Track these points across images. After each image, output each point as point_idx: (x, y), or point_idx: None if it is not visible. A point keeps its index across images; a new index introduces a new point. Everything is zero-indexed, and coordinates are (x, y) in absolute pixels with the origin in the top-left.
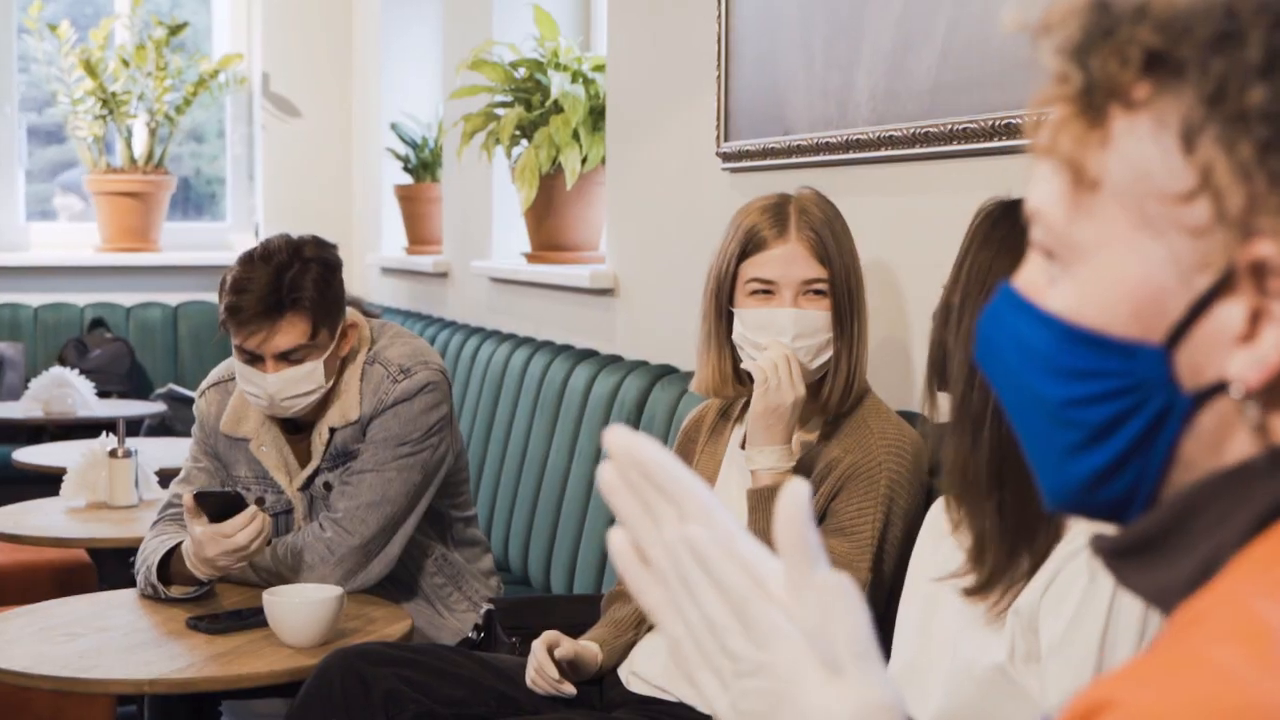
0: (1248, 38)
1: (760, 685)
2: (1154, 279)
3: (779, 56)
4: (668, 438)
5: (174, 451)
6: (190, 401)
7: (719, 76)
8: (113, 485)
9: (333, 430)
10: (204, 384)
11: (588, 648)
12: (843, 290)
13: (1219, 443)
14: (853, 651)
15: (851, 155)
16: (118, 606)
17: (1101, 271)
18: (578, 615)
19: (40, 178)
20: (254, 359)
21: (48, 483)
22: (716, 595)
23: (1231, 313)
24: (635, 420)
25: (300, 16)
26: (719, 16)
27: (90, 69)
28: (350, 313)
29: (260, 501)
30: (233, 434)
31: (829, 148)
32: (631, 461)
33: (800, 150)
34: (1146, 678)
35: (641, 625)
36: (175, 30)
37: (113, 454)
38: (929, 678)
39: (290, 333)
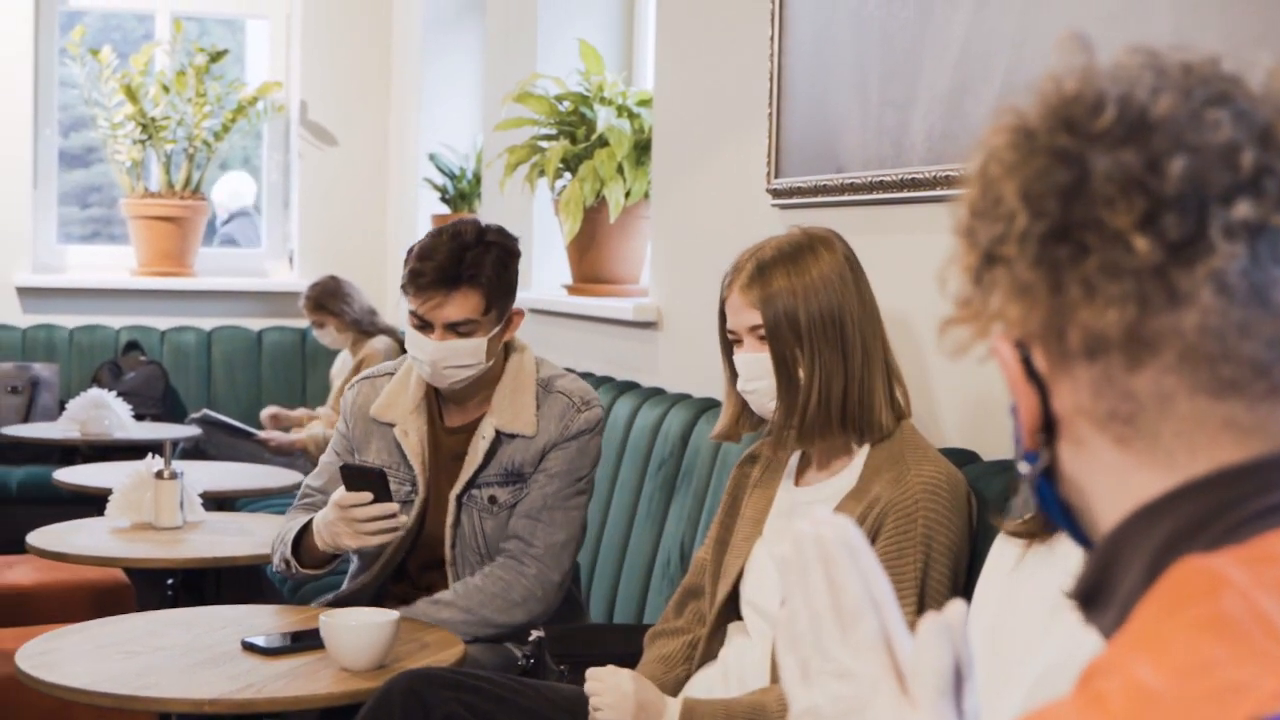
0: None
1: (841, 691)
2: None
3: (832, 95)
4: (712, 471)
5: (216, 475)
6: (225, 427)
7: (770, 113)
8: (158, 506)
9: (500, 434)
10: (357, 378)
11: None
12: (778, 336)
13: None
14: (934, 686)
15: (906, 195)
16: (171, 625)
17: None
18: (626, 645)
19: (63, 201)
20: (424, 325)
21: (86, 503)
22: (830, 594)
23: None
24: (679, 454)
25: (339, 45)
26: (771, 55)
27: (131, 94)
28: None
29: None
30: (380, 418)
31: (883, 186)
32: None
33: (854, 188)
34: None
35: (691, 660)
36: (216, 57)
37: (159, 475)
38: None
39: (462, 305)
